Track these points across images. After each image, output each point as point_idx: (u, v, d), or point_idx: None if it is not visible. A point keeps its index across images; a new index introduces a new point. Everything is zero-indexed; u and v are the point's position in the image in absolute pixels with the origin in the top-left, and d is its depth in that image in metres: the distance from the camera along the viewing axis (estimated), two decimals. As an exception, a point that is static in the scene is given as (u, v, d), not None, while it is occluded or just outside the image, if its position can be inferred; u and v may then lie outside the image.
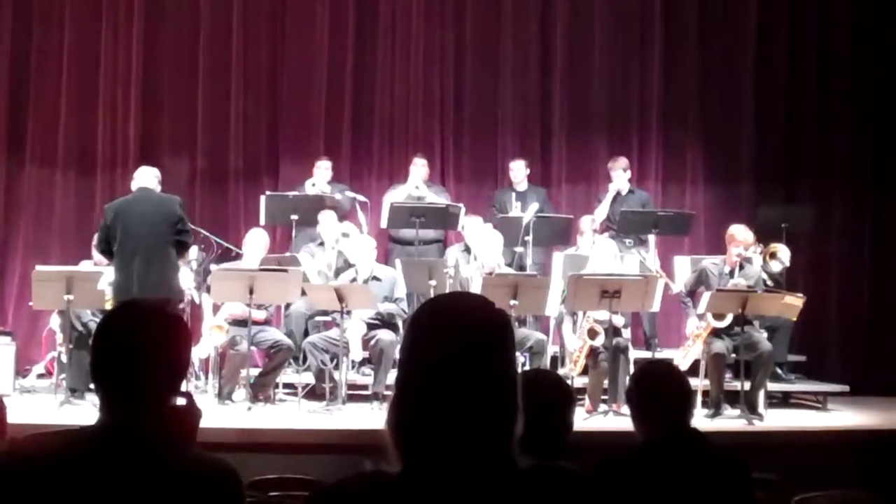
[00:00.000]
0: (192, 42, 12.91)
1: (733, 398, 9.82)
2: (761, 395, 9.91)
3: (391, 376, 9.58)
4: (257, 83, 13.01)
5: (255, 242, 10.52)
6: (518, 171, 12.41)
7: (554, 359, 10.59)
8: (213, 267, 10.40)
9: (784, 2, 13.29)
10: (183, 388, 2.82)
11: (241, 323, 9.96)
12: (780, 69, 13.20)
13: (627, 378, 9.62)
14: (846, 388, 11.19)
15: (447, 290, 9.88)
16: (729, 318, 9.90)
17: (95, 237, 10.46)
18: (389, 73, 13.15)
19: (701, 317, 10.06)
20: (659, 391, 4.09)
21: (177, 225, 9.46)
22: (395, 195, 11.89)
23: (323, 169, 12.12)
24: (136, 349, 2.68)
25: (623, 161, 12.31)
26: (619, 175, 12.21)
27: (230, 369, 10.03)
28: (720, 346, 9.85)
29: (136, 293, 8.97)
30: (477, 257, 10.65)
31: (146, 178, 9.81)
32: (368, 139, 13.14)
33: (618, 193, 12.23)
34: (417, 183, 12.02)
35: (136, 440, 2.60)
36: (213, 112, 12.87)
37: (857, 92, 13.09)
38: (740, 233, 10.28)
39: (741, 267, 10.22)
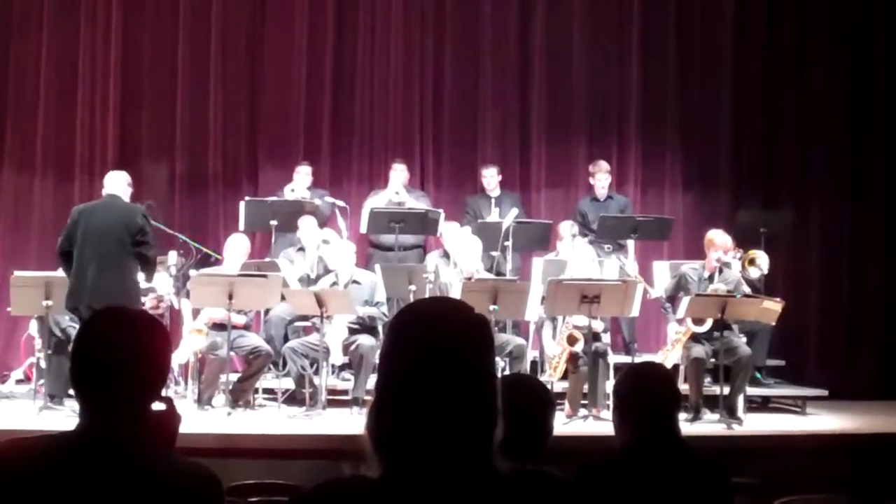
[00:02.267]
0: (171, 46, 12.88)
1: (713, 403, 9.85)
2: (740, 399, 9.94)
3: (371, 381, 9.58)
4: (236, 88, 12.99)
5: (236, 248, 10.50)
6: (491, 177, 12.39)
7: (534, 364, 10.60)
8: (192, 272, 10.37)
9: (761, 9, 13.32)
10: (163, 393, 2.81)
11: (220, 327, 9.94)
12: (757, 75, 13.24)
13: (607, 383, 9.69)
14: (825, 392, 11.24)
15: (427, 296, 9.89)
16: (708, 324, 9.94)
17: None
18: (369, 79, 13.15)
19: (680, 321, 10.09)
20: (651, 393, 4.08)
21: (136, 236, 9.21)
22: (376, 201, 11.88)
23: (303, 174, 12.09)
24: (117, 354, 2.67)
25: (604, 164, 12.33)
26: (604, 179, 12.22)
27: (210, 374, 10.01)
28: (699, 350, 9.88)
29: (88, 301, 8.86)
30: (456, 263, 10.65)
31: (115, 184, 9.61)
32: (348, 144, 13.12)
33: (596, 199, 12.26)
34: (397, 188, 12.01)
35: (116, 445, 2.60)
36: (192, 116, 12.84)
37: (834, 97, 13.14)
38: (719, 238, 10.33)
39: (720, 272, 10.26)
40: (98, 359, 2.69)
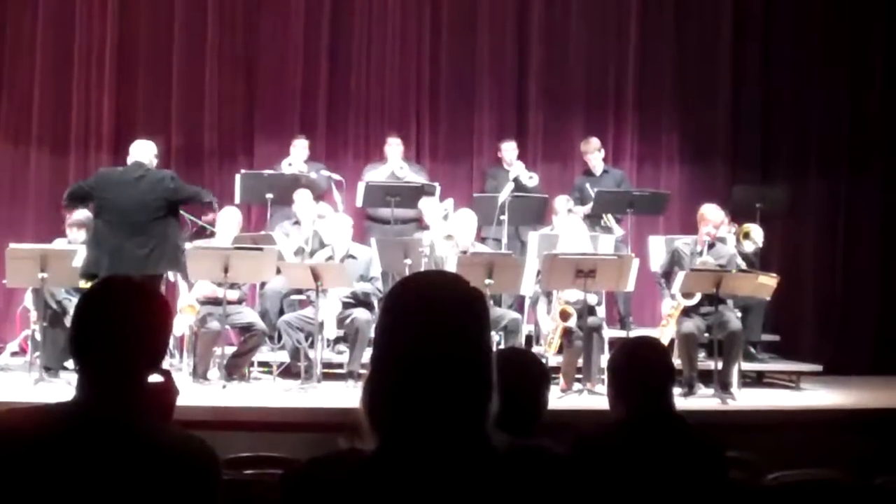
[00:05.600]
0: (167, 19, 12.83)
1: (707, 377, 9.87)
2: (734, 374, 9.95)
3: (366, 355, 9.59)
4: (233, 60, 12.95)
5: (228, 220, 10.50)
6: (510, 151, 12.37)
7: (529, 338, 10.61)
8: (187, 245, 10.36)
9: (760, -17, 13.32)
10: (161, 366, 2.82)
11: (214, 302, 9.95)
12: (755, 50, 13.22)
13: (601, 357, 9.71)
14: (819, 367, 11.26)
15: (422, 270, 9.88)
16: (697, 297, 9.96)
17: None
18: (365, 51, 13.11)
19: (675, 296, 10.11)
20: (646, 368, 4.08)
21: (177, 201, 9.54)
22: (376, 175, 11.87)
23: (300, 147, 12.08)
24: (117, 325, 2.67)
25: (595, 142, 12.31)
26: (596, 157, 12.22)
27: (202, 348, 10.01)
28: (689, 325, 9.89)
29: (119, 268, 8.92)
30: (434, 238, 10.62)
31: (142, 152, 9.68)
32: (344, 117, 13.10)
33: (591, 173, 12.26)
34: (401, 164, 12.01)
35: (113, 417, 2.60)
36: (188, 90, 12.80)
37: (832, 72, 13.12)
38: (710, 212, 10.34)
39: (712, 246, 10.27)
40: (99, 328, 2.68)
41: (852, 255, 13.00)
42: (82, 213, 10.18)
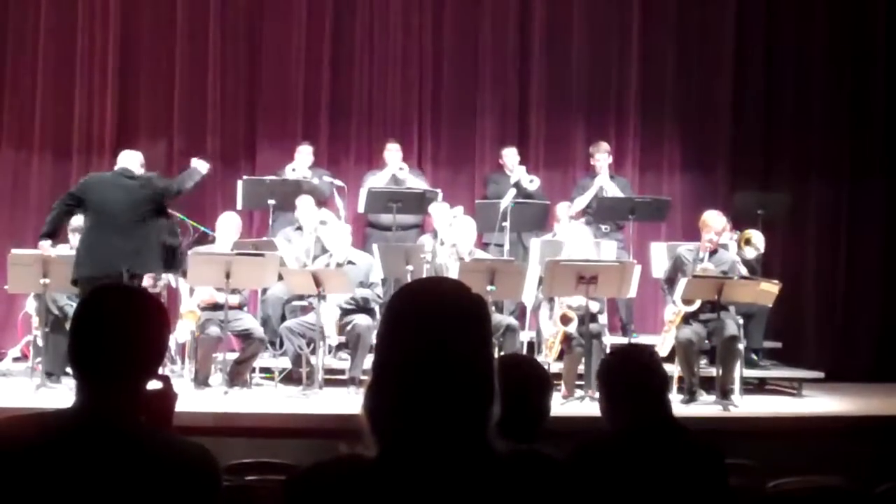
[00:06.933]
0: (169, 24, 12.83)
1: (710, 384, 9.86)
2: (736, 380, 9.95)
3: (368, 361, 9.58)
4: (235, 66, 12.95)
5: (227, 226, 10.49)
6: (511, 157, 12.38)
7: (530, 344, 10.61)
8: (188, 251, 10.37)
9: (763, -10, 13.33)
10: (160, 372, 2.81)
11: (215, 307, 9.95)
12: (757, 56, 13.22)
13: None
14: (821, 374, 11.25)
15: (424, 276, 9.87)
16: (697, 303, 9.95)
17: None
18: (367, 57, 13.11)
19: (676, 303, 10.11)
20: (638, 377, 4.07)
21: (159, 196, 9.52)
22: (377, 180, 11.88)
23: (304, 154, 12.07)
24: (115, 332, 2.67)
25: (605, 145, 12.33)
26: (604, 159, 12.21)
27: (203, 354, 9.99)
28: (687, 332, 9.86)
29: (106, 265, 8.96)
30: (444, 242, 10.64)
31: (129, 160, 9.73)
32: (346, 124, 13.09)
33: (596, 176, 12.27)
34: (401, 164, 12.02)
35: (112, 423, 2.60)
36: (190, 95, 12.80)
37: (833, 78, 13.12)
38: (712, 219, 10.32)
39: (714, 253, 10.26)
40: (96, 335, 2.68)
41: (854, 262, 12.99)
42: (82, 219, 10.17)
